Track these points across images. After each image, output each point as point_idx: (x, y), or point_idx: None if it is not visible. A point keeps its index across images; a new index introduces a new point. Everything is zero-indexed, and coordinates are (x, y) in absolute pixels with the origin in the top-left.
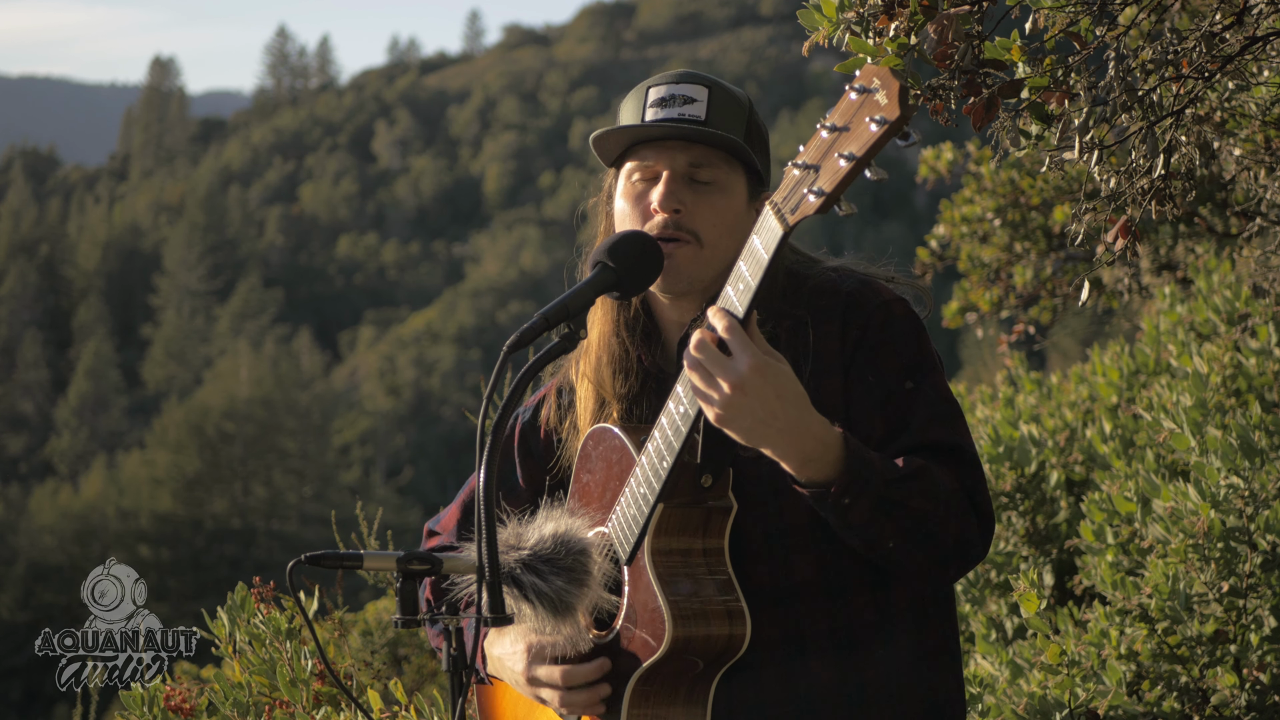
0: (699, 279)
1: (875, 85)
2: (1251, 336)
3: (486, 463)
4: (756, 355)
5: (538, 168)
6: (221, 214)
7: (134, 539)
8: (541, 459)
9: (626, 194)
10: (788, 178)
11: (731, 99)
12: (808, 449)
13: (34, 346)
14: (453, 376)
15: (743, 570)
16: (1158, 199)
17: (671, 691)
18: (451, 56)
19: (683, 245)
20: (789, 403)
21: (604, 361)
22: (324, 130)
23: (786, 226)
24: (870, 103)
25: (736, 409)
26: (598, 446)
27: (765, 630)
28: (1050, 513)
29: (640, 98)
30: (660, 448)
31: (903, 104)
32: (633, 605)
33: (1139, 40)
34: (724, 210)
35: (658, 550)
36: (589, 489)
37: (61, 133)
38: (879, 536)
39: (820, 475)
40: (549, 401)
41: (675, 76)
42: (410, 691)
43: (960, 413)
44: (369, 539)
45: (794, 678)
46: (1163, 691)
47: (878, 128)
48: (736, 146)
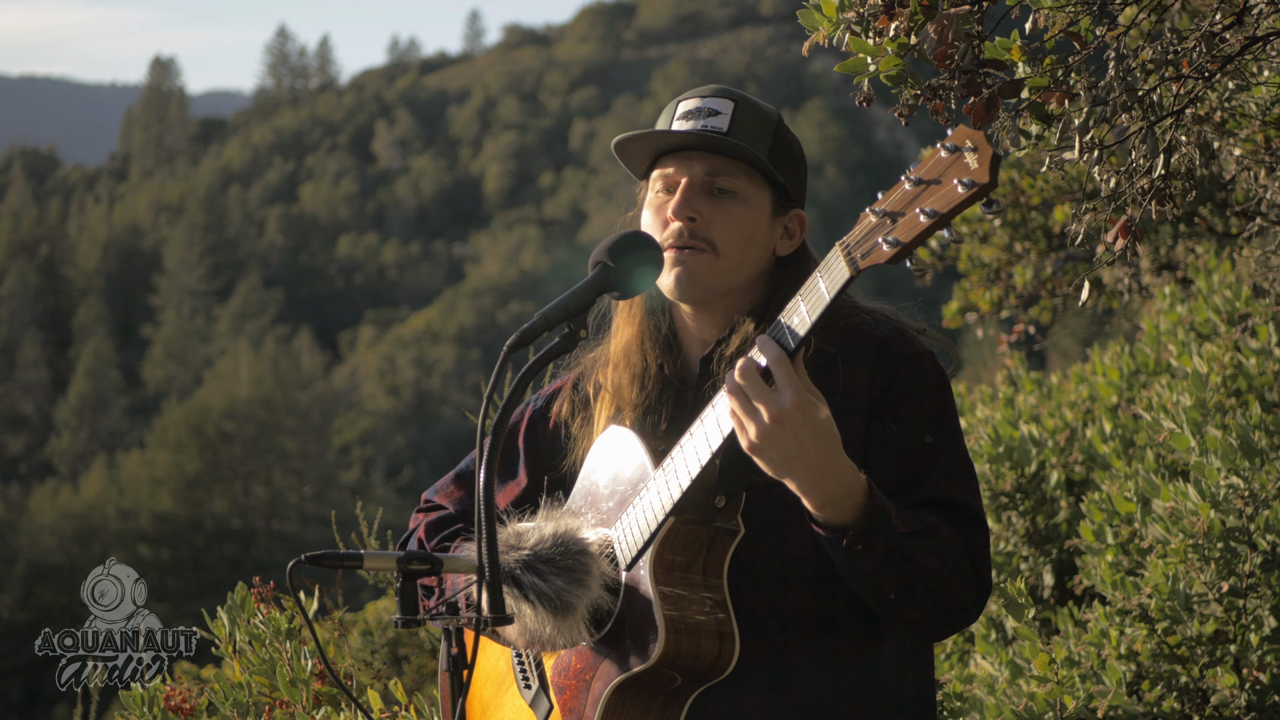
0: (714, 288)
1: (968, 146)
2: (1251, 336)
3: (486, 463)
4: (801, 392)
5: (538, 168)
6: (221, 214)
7: (134, 539)
8: (547, 450)
9: (650, 203)
10: (863, 222)
11: (757, 114)
12: (832, 490)
13: (34, 346)
14: (453, 376)
15: (739, 595)
16: (1158, 199)
17: (647, 704)
18: (451, 56)
19: (697, 254)
20: (823, 443)
21: (623, 371)
22: (324, 130)
23: (855, 271)
24: (960, 164)
25: (771, 441)
26: (612, 448)
27: (753, 656)
28: (1050, 513)
29: (670, 111)
30: (683, 462)
31: (994, 171)
32: (625, 612)
33: (1139, 40)
34: (742, 221)
35: (660, 563)
36: (597, 489)
37: (61, 133)
38: (882, 587)
39: (838, 519)
40: (564, 394)
41: (707, 91)
42: (410, 691)
43: (975, 475)
44: (369, 539)
45: (774, 706)
46: (1163, 691)
47: (965, 190)
48: (754, 158)
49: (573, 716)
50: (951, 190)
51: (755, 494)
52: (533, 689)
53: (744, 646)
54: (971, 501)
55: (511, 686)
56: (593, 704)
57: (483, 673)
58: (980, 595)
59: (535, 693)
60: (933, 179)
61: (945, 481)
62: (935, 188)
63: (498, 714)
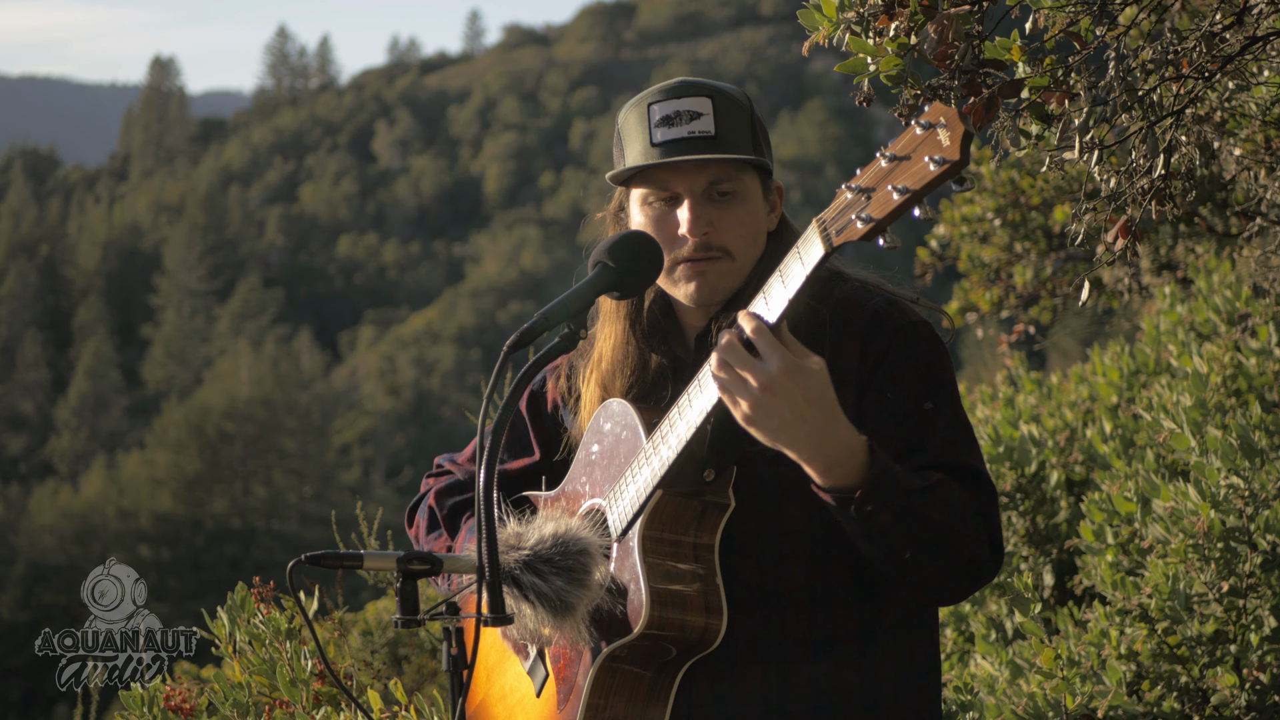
0: (732, 289)
1: (940, 123)
2: (1251, 336)
3: (487, 463)
4: (786, 357)
5: (538, 168)
6: (221, 214)
7: (134, 539)
8: (550, 423)
9: (647, 216)
10: (839, 199)
11: (733, 105)
12: (834, 453)
13: (34, 346)
14: (453, 376)
15: (731, 568)
16: (1158, 199)
17: (639, 674)
18: (451, 56)
19: (715, 262)
20: (817, 406)
21: (615, 365)
22: (324, 130)
23: (830, 248)
24: (932, 140)
25: (765, 409)
26: (610, 419)
27: (746, 630)
28: (1050, 513)
29: (644, 117)
30: (670, 434)
31: (964, 149)
32: (615, 582)
33: (1139, 40)
34: (746, 219)
35: (649, 535)
36: (595, 460)
37: (61, 133)
38: (897, 546)
39: (844, 481)
40: (560, 373)
41: (675, 89)
42: (410, 691)
43: (975, 439)
44: (369, 539)
45: (768, 680)
46: (1163, 691)
47: (936, 167)
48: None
49: (566, 685)
50: (923, 167)
51: (748, 468)
52: (530, 657)
53: (737, 621)
54: (975, 463)
55: (512, 654)
56: (584, 672)
57: (489, 638)
58: (995, 554)
59: (533, 660)
60: (905, 155)
61: (947, 444)
62: (908, 164)
63: (500, 679)
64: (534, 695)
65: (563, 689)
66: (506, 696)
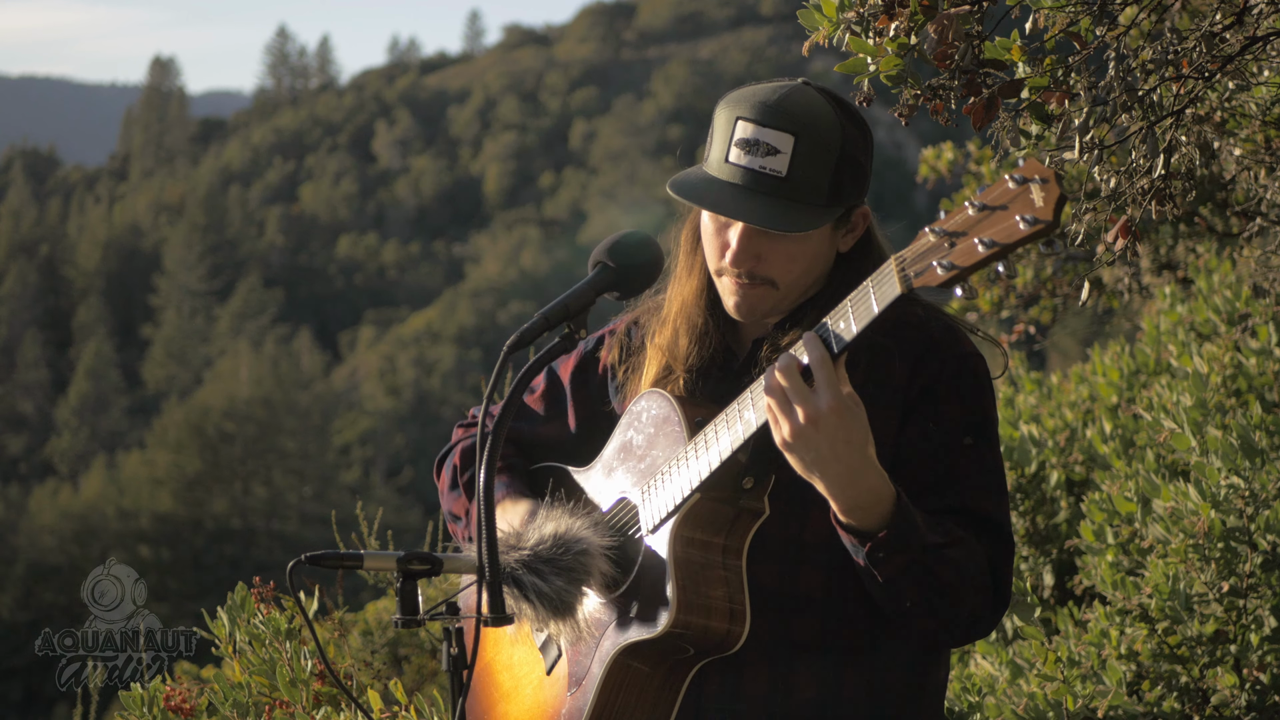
0: (775, 312)
1: (1036, 179)
2: (1252, 336)
3: (487, 463)
4: (839, 396)
5: (538, 168)
6: (221, 214)
7: (134, 539)
8: (596, 394)
9: (705, 229)
10: (921, 240)
11: (819, 147)
12: (859, 497)
13: (34, 346)
14: (453, 376)
15: (751, 570)
16: (1158, 199)
17: (652, 669)
18: (451, 56)
19: (756, 287)
20: (855, 449)
21: (681, 331)
22: (324, 130)
23: (907, 289)
24: (1025, 198)
25: (804, 441)
26: (650, 410)
27: (760, 632)
28: (1050, 513)
29: (729, 126)
30: (714, 443)
31: (1058, 211)
32: (640, 579)
33: (1139, 40)
34: (799, 256)
35: (680, 536)
36: (631, 448)
37: (61, 133)
38: (901, 593)
39: (863, 524)
40: (617, 338)
41: (767, 114)
42: (410, 691)
43: (1005, 487)
44: (369, 539)
45: (776, 682)
46: (1163, 691)
47: (1027, 226)
48: (813, 208)
49: (579, 669)
50: (1013, 225)
51: (782, 476)
52: (544, 634)
53: (753, 622)
54: (1000, 516)
55: (526, 626)
56: (599, 661)
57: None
58: (997, 608)
59: (546, 639)
60: (996, 206)
61: (978, 492)
62: (998, 217)
63: (510, 650)
64: (544, 672)
65: (574, 673)
66: (514, 667)
